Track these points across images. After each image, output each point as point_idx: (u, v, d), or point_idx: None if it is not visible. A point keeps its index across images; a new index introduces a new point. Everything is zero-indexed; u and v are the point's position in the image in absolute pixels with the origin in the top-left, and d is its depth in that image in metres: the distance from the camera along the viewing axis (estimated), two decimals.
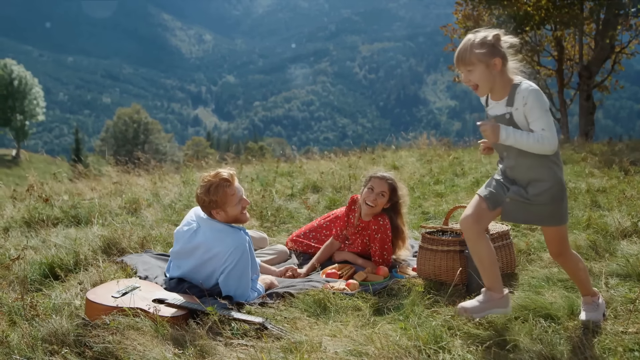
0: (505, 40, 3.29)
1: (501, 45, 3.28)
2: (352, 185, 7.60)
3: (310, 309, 3.70)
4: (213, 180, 4.03)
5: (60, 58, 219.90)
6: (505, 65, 3.29)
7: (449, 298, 3.90)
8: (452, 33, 19.33)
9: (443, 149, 11.41)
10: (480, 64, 3.25)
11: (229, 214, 4.09)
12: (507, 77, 3.31)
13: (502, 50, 3.27)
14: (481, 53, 3.23)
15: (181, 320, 3.51)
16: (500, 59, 3.26)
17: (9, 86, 63.90)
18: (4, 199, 7.75)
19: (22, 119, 65.20)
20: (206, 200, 4.01)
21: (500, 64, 3.26)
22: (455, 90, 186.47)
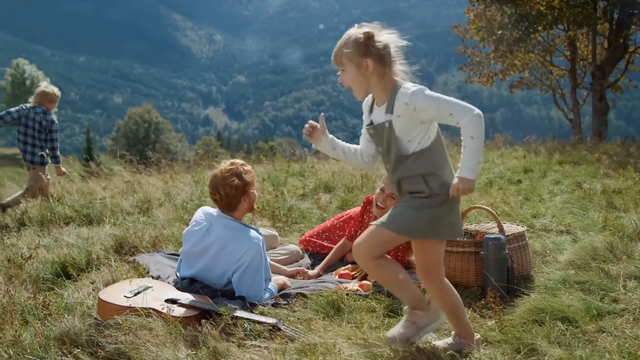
0: (380, 40, 2.91)
1: (374, 44, 2.90)
2: (364, 186, 7.55)
3: (323, 310, 3.67)
4: (235, 167, 4.06)
5: (71, 58, 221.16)
6: (384, 67, 2.92)
7: (464, 300, 3.85)
8: (464, 33, 19.25)
9: (455, 149, 11.32)
10: (351, 64, 2.93)
11: (251, 199, 4.12)
12: (387, 80, 2.95)
13: (375, 50, 2.90)
14: (350, 52, 2.91)
15: (194, 320, 3.49)
16: (372, 60, 2.89)
17: (21, 86, 64.29)
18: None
19: None
20: (241, 186, 4.00)
21: (372, 65, 2.90)
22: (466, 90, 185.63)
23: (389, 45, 2.94)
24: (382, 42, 2.92)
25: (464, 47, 19.50)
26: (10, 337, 3.21)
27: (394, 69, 2.97)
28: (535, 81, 19.95)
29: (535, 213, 6.05)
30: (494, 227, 4.43)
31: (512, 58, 18.96)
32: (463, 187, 2.79)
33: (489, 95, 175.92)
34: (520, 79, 19.99)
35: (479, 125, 2.76)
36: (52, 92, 7.71)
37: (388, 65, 2.94)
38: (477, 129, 2.75)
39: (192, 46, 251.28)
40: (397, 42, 2.97)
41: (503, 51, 18.50)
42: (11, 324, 3.44)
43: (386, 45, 2.93)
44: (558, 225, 5.54)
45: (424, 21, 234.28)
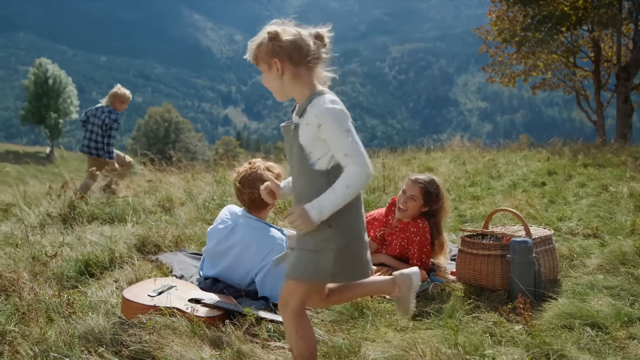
0: (287, 39, 2.65)
1: (281, 44, 2.65)
2: (386, 187, 7.50)
3: (347, 312, 3.63)
4: (261, 164, 4.09)
5: (93, 58, 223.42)
6: (296, 67, 2.66)
7: (489, 304, 3.80)
8: (486, 35, 19.09)
9: (477, 151, 11.24)
10: (264, 64, 2.73)
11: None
12: (304, 82, 2.68)
13: (283, 49, 2.65)
14: (262, 52, 2.70)
15: (217, 320, 3.47)
16: (280, 59, 2.66)
17: (44, 85, 65.08)
18: (40, 195, 7.82)
19: (56, 117, 66.29)
20: (273, 175, 4.02)
21: (281, 65, 2.66)
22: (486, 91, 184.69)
23: (299, 44, 2.65)
24: (290, 41, 2.64)
25: (486, 46, 19.33)
26: (36, 334, 3.21)
27: (315, 71, 2.70)
28: (558, 82, 19.72)
29: (561, 216, 5.96)
30: (520, 230, 4.36)
31: (535, 59, 18.77)
32: (299, 220, 2.53)
33: (509, 96, 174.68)
34: (542, 80, 19.78)
35: (361, 182, 2.49)
36: (123, 94, 8.24)
37: (302, 65, 2.66)
38: (357, 183, 2.48)
39: (212, 46, 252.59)
40: (312, 40, 2.69)
41: (525, 52, 18.33)
42: (36, 321, 3.45)
43: (296, 44, 2.65)
44: (585, 228, 5.44)
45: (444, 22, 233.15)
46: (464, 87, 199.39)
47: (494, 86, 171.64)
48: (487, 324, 3.44)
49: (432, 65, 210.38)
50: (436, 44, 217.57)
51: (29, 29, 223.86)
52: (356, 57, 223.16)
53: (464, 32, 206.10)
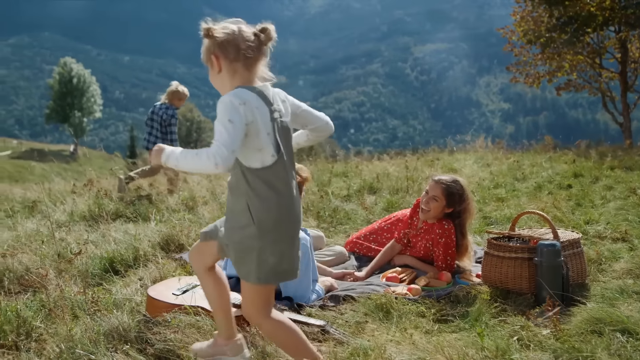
0: (221, 35, 2.61)
1: (216, 40, 2.61)
2: (410, 188, 7.45)
3: (372, 314, 3.60)
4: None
5: (117, 57, 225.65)
6: (233, 64, 2.62)
7: (516, 307, 3.75)
8: (510, 35, 18.89)
9: (501, 152, 11.13)
10: (207, 62, 2.69)
11: (301, 195, 4.07)
12: (240, 79, 2.65)
13: (219, 46, 2.62)
14: (203, 50, 2.69)
15: (242, 320, 3.46)
16: (216, 56, 2.63)
17: (68, 84, 65.91)
18: (65, 193, 7.89)
19: (80, 115, 67.12)
20: (299, 183, 3.97)
21: (217, 62, 2.64)
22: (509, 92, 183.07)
23: (234, 40, 2.60)
24: (224, 37, 2.60)
25: (511, 45, 19.12)
26: (62, 331, 3.22)
27: (253, 67, 2.65)
28: (584, 84, 19.45)
29: (588, 219, 5.86)
30: (548, 232, 4.30)
31: (560, 60, 18.53)
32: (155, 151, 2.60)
33: (532, 97, 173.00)
34: (568, 82, 19.53)
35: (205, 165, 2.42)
36: (181, 92, 8.52)
37: (238, 61, 2.61)
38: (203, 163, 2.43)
39: None
40: (252, 36, 2.63)
41: (550, 53, 18.11)
42: (62, 318, 3.47)
43: (230, 40, 2.60)
44: (613, 232, 5.34)
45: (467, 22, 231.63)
46: (487, 88, 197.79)
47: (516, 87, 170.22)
48: (514, 328, 3.39)
49: (454, 66, 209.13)
50: (458, 45, 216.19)
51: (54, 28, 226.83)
52: (378, 58, 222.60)
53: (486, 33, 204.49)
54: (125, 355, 3.11)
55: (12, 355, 3.05)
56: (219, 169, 2.42)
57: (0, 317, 3.33)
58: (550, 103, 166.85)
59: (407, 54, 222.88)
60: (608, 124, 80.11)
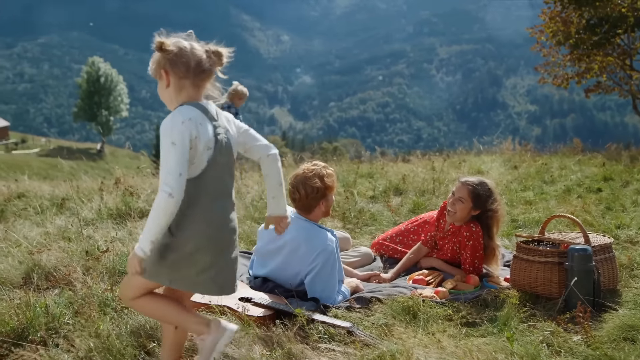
0: (173, 50, 2.63)
1: (168, 55, 2.63)
2: (436, 190, 7.38)
3: (399, 316, 3.57)
4: (318, 169, 3.99)
5: (143, 56, 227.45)
6: (181, 80, 2.65)
7: (545, 312, 3.68)
8: (539, 35, 18.64)
9: (528, 155, 10.99)
10: (156, 76, 2.72)
11: (329, 203, 4.06)
12: (186, 96, 2.68)
13: (169, 61, 2.64)
14: (153, 63, 2.70)
15: (268, 320, 3.45)
16: (166, 71, 2.66)
17: (96, 83, 66.78)
18: (93, 191, 7.97)
19: (107, 114, 67.97)
20: (321, 189, 3.95)
21: (166, 77, 2.67)
22: (536, 94, 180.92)
23: (185, 57, 2.63)
24: (176, 53, 2.63)
25: (539, 45, 18.86)
26: (92, 329, 3.24)
27: (201, 86, 2.69)
28: (613, 86, 19.12)
29: (619, 223, 5.75)
30: (578, 237, 4.22)
31: (589, 62, 18.24)
32: (129, 263, 2.58)
33: (559, 100, 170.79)
34: (597, 83, 19.21)
35: (162, 205, 2.45)
36: (241, 91, 8.92)
37: (187, 78, 2.65)
38: (158, 206, 2.46)
39: (259, 46, 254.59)
40: (204, 55, 2.68)
41: (580, 54, 17.83)
42: (90, 315, 3.49)
43: (181, 56, 2.63)
44: None
45: (494, 23, 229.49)
46: (513, 90, 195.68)
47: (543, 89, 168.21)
48: (543, 333, 3.34)
49: (480, 67, 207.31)
50: (485, 46, 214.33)
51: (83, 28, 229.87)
52: (403, 59, 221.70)
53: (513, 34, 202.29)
54: (151, 353, 3.13)
55: (42, 351, 3.07)
56: (175, 197, 2.45)
57: (30, 313, 3.36)
58: (578, 105, 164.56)
59: (432, 54, 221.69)
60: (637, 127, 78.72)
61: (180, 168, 2.47)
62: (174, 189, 2.45)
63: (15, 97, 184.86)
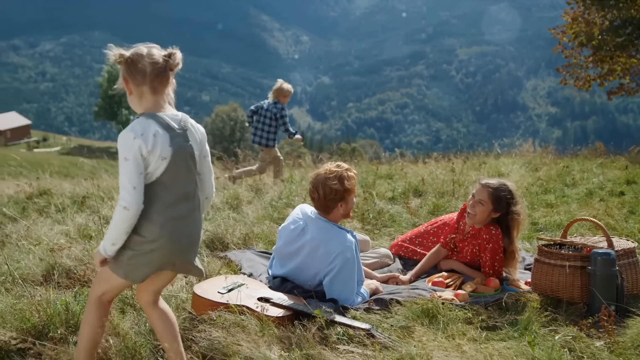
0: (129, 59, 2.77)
1: (126, 64, 2.77)
2: (456, 192, 7.33)
3: (418, 319, 3.54)
4: (340, 170, 3.95)
5: None
6: (139, 87, 2.75)
7: (568, 317, 3.63)
8: (561, 36, 18.45)
9: (549, 157, 10.86)
10: (120, 85, 2.84)
11: (348, 206, 4.02)
12: (146, 103, 2.77)
13: (127, 70, 2.77)
14: (120, 72, 2.82)
15: (286, 321, 3.44)
16: (126, 80, 2.78)
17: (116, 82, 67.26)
18: (113, 189, 8.01)
19: (127, 113, 68.54)
20: (340, 191, 3.91)
21: (127, 85, 2.79)
22: (557, 96, 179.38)
23: (140, 65, 2.74)
24: (131, 61, 2.75)
25: (561, 46, 18.66)
26: (111, 327, 3.25)
27: (159, 93, 2.78)
28: (637, 88, 18.87)
29: None
30: (602, 241, 4.16)
31: (612, 63, 18.02)
32: (95, 259, 2.78)
33: (581, 102, 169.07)
34: (620, 85, 18.97)
35: (119, 217, 2.61)
36: (286, 89, 9.06)
37: (144, 85, 2.75)
38: (115, 217, 2.62)
39: (278, 47, 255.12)
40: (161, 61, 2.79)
41: (602, 56, 17.62)
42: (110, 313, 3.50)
43: (136, 64, 2.74)
44: None
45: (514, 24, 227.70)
46: (533, 92, 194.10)
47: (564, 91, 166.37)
48: (565, 338, 3.29)
49: (500, 69, 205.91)
50: (505, 47, 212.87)
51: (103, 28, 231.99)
52: (422, 60, 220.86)
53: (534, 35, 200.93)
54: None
55: (61, 348, 3.09)
56: (131, 209, 2.60)
57: (50, 310, 3.38)
58: (599, 107, 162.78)
59: (452, 55, 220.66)
60: None
61: (134, 182, 2.61)
62: (128, 203, 2.59)
63: (37, 96, 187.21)
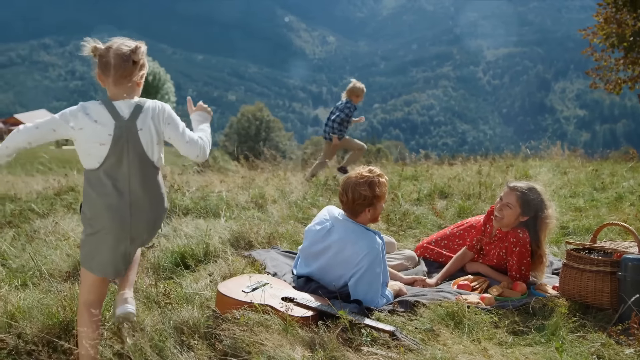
0: (98, 54, 2.99)
1: (96, 57, 3.00)
2: (482, 194, 7.25)
3: (443, 321, 3.49)
4: (372, 176, 3.92)
5: (191, 56, 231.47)
6: (104, 79, 3.02)
7: (597, 323, 3.56)
8: (592, 37, 18.17)
9: (578, 160, 10.70)
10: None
11: (377, 211, 4.00)
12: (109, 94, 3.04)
13: (98, 64, 3.01)
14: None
15: (310, 321, 3.43)
16: (97, 74, 3.04)
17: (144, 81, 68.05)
18: None
19: None
20: (369, 197, 3.89)
21: (99, 77, 3.04)
22: (586, 99, 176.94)
23: (104, 59, 2.97)
24: (100, 54, 2.98)
25: (591, 48, 18.38)
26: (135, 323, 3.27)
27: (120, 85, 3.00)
28: None
29: None
30: (632, 246, 4.07)
31: None
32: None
33: (610, 105, 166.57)
34: None
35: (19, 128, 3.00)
36: (358, 88, 9.19)
37: (108, 77, 2.98)
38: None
39: (305, 47, 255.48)
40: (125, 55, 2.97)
41: (634, 58, 17.32)
42: None
43: (102, 58, 2.97)
44: None
45: (543, 26, 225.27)
46: (562, 94, 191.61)
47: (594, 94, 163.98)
48: (594, 344, 3.22)
49: (528, 71, 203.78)
50: (533, 49, 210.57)
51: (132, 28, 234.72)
52: (449, 61, 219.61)
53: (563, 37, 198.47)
54: (193, 349, 3.14)
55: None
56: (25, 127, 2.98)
57: (75, 306, 3.41)
58: (629, 111, 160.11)
59: (479, 57, 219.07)
60: None
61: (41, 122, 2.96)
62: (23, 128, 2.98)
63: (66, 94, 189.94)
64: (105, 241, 2.98)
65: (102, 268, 3.02)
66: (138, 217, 3.01)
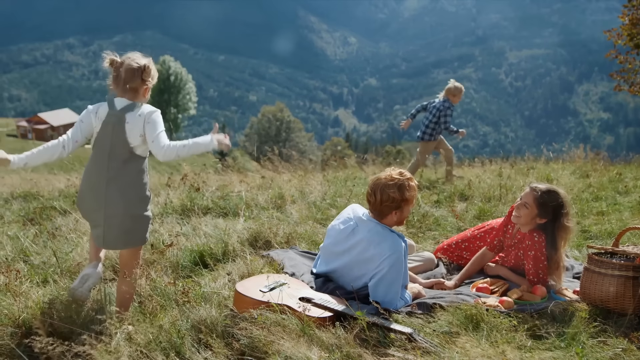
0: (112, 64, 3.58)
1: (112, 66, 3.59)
2: (502, 197, 7.18)
3: (461, 324, 3.47)
4: (402, 179, 3.90)
5: (212, 56, 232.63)
6: (115, 88, 3.60)
7: (618, 328, 3.51)
8: (617, 38, 17.93)
9: (601, 164, 10.56)
10: None
11: (403, 215, 3.98)
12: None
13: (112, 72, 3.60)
14: None
15: (327, 322, 3.42)
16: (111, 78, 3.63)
17: (166, 81, 68.40)
18: (160, 186, 8.14)
19: (176, 112, 69.59)
20: (397, 200, 3.88)
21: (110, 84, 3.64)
22: (609, 101, 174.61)
23: (117, 70, 3.57)
24: (114, 67, 3.58)
25: (616, 51, 18.13)
26: (154, 321, 3.29)
27: (125, 90, 3.57)
28: None
29: None
30: None
31: None
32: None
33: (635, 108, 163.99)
34: None
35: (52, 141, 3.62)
36: (455, 88, 9.22)
37: (117, 86, 3.59)
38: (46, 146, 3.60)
39: (326, 48, 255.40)
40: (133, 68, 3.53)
41: None
42: (152, 307, 3.55)
43: (115, 69, 3.58)
44: None
45: (567, 28, 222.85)
46: (585, 97, 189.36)
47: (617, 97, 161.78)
48: (615, 350, 3.18)
49: (551, 73, 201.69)
50: (557, 51, 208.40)
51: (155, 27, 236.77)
52: (471, 62, 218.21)
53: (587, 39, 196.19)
54: (211, 347, 3.15)
55: (104, 340, 3.13)
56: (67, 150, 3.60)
57: (94, 304, 3.44)
58: None
59: (501, 59, 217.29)
60: None
61: (72, 133, 3.61)
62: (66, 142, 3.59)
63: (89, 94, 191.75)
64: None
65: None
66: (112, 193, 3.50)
